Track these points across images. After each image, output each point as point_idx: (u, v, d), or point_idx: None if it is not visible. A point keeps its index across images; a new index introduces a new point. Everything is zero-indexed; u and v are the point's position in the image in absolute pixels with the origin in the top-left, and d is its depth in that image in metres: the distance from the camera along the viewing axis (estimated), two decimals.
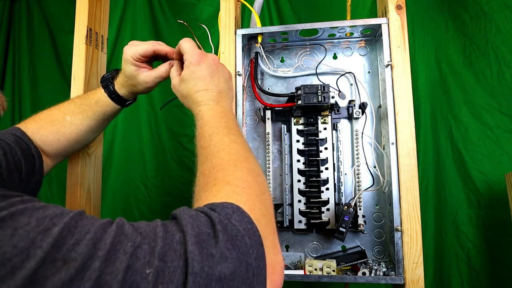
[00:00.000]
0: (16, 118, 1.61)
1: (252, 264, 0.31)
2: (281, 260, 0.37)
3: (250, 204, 0.37)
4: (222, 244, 0.30)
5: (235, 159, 0.44)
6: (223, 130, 0.49)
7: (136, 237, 0.29)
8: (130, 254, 0.27)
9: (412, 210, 0.68)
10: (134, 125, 1.47)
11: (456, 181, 1.17)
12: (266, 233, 0.36)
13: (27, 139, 0.60)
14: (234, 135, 0.48)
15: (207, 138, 0.48)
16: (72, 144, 0.67)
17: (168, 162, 1.43)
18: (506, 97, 1.12)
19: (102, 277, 0.26)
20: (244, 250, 0.31)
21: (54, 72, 1.59)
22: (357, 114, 0.77)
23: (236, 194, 0.38)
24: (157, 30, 1.48)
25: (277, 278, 0.35)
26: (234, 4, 0.80)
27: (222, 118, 0.51)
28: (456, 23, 1.21)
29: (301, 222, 0.78)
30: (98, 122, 0.67)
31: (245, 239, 0.32)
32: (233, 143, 0.47)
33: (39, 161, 0.61)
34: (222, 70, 0.59)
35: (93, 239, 0.28)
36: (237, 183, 0.40)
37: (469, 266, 1.14)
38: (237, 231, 0.32)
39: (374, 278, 0.70)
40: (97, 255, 0.26)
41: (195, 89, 0.55)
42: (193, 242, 0.29)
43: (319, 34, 0.81)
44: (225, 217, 0.33)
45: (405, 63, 0.73)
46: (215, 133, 0.48)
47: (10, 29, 1.67)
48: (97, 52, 0.83)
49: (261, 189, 0.41)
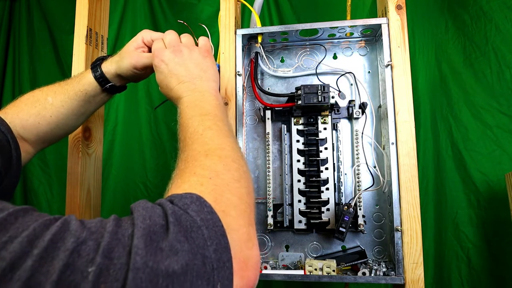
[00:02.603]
0: None
1: (209, 257, 0.29)
2: (255, 255, 0.34)
3: (216, 194, 0.35)
4: (173, 236, 0.28)
5: (207, 149, 0.42)
6: (197, 118, 0.47)
7: (82, 232, 0.27)
8: (70, 251, 0.25)
9: (412, 210, 0.68)
10: (134, 125, 1.47)
11: (456, 181, 1.17)
12: (237, 225, 0.33)
13: (4, 128, 0.56)
14: (210, 121, 0.46)
15: (184, 130, 0.47)
16: (53, 128, 0.63)
17: (168, 162, 1.43)
18: (506, 97, 1.12)
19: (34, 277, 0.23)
20: (200, 242, 0.29)
21: (54, 72, 1.59)
22: (357, 114, 0.77)
23: (200, 184, 0.36)
24: (157, 30, 1.47)
25: (249, 274, 0.32)
26: (234, 4, 0.80)
27: (196, 106, 0.50)
28: (456, 23, 1.21)
29: (301, 222, 0.78)
30: (80, 104, 0.64)
31: (201, 230, 0.30)
32: (207, 130, 0.45)
33: (16, 152, 0.57)
34: (188, 56, 0.57)
35: (30, 236, 0.25)
36: (203, 173, 0.38)
37: (469, 266, 1.14)
38: (193, 222, 0.30)
39: (374, 278, 0.70)
40: (31, 253, 0.24)
41: (170, 87, 0.55)
42: (140, 235, 0.27)
43: (319, 34, 0.81)
44: (181, 208, 0.31)
45: (405, 63, 0.73)
46: (190, 124, 0.47)
47: (10, 29, 1.67)
48: (97, 52, 0.83)
49: (234, 176, 0.38)
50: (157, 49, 0.57)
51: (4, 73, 1.65)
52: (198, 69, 0.56)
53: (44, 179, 1.56)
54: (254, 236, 0.36)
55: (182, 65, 0.56)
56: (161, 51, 0.57)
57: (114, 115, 1.48)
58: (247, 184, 0.40)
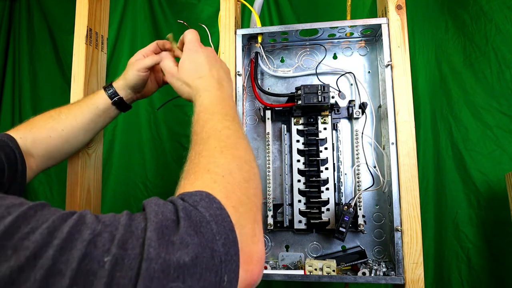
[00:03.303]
0: (16, 118, 1.61)
1: (218, 251, 0.30)
2: (260, 250, 0.36)
3: (227, 192, 0.37)
4: (183, 230, 0.30)
5: (223, 146, 0.43)
6: (218, 116, 0.48)
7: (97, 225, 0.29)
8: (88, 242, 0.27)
9: (412, 210, 0.68)
10: (134, 125, 1.47)
11: (456, 181, 1.17)
12: (244, 221, 0.35)
13: (13, 144, 0.59)
14: (229, 121, 0.47)
15: (201, 124, 0.47)
16: (63, 142, 0.66)
17: (168, 162, 1.43)
18: (506, 97, 1.12)
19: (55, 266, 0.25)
20: (209, 237, 0.30)
21: (54, 72, 1.59)
22: (357, 114, 0.77)
23: (214, 182, 0.38)
24: (157, 30, 1.48)
25: (253, 268, 0.34)
26: (234, 4, 0.80)
27: (219, 104, 0.51)
28: (456, 23, 1.21)
29: (301, 222, 0.78)
30: (91, 118, 0.68)
31: (211, 225, 0.31)
32: (225, 129, 0.46)
33: (22, 166, 0.60)
34: (221, 62, 0.59)
35: (50, 228, 0.27)
36: (217, 170, 0.39)
37: (469, 266, 1.14)
38: (202, 217, 0.32)
39: (374, 278, 0.70)
40: (51, 244, 0.26)
41: (196, 75, 0.55)
42: (153, 228, 0.29)
43: (319, 34, 0.81)
44: (191, 204, 0.33)
45: (405, 63, 0.73)
46: (210, 119, 0.48)
47: (10, 29, 1.67)
48: (97, 52, 0.83)
49: (244, 177, 0.40)
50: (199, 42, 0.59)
51: (4, 73, 1.65)
52: (225, 75, 0.57)
53: (44, 179, 1.55)
54: (260, 233, 0.37)
55: (215, 64, 0.57)
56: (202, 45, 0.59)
57: None
58: (256, 185, 0.42)
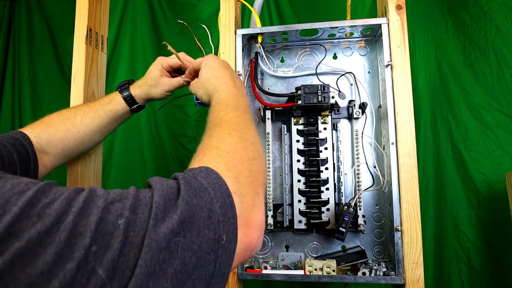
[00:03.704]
0: (16, 117, 1.61)
1: (215, 211, 0.33)
2: (260, 219, 0.38)
3: (230, 165, 0.40)
4: (184, 193, 0.33)
5: (231, 129, 0.47)
6: (231, 107, 0.53)
7: (108, 196, 0.32)
8: (102, 208, 0.30)
9: (412, 210, 0.68)
10: (134, 125, 1.47)
11: (456, 181, 1.17)
12: (244, 191, 0.38)
13: (26, 142, 0.61)
14: (240, 111, 0.52)
15: (215, 114, 0.52)
16: (78, 144, 0.68)
17: (168, 162, 1.43)
18: (506, 97, 1.12)
19: (76, 228, 0.29)
20: (207, 200, 0.34)
21: (54, 72, 1.59)
22: (357, 114, 0.77)
23: (219, 156, 0.41)
24: (157, 30, 1.48)
25: (252, 232, 0.37)
26: (234, 4, 0.80)
27: (233, 98, 0.56)
28: (456, 23, 1.21)
29: (301, 222, 0.78)
30: (108, 122, 0.71)
31: (208, 190, 0.35)
32: (236, 117, 0.50)
33: (35, 165, 0.62)
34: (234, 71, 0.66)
35: (67, 199, 0.30)
36: (223, 147, 0.43)
37: (469, 266, 1.14)
38: (200, 184, 0.35)
39: (374, 278, 0.70)
40: (70, 211, 0.29)
41: (212, 76, 0.61)
42: (159, 195, 0.32)
43: (319, 34, 0.81)
44: (190, 175, 0.36)
45: (405, 63, 0.73)
46: (223, 109, 0.52)
47: (10, 29, 1.67)
48: (97, 52, 0.83)
49: (248, 155, 0.44)
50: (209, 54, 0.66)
51: (4, 73, 1.65)
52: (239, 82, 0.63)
53: (44, 179, 1.56)
54: (261, 204, 0.40)
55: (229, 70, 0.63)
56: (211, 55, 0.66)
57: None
58: (260, 164, 0.45)
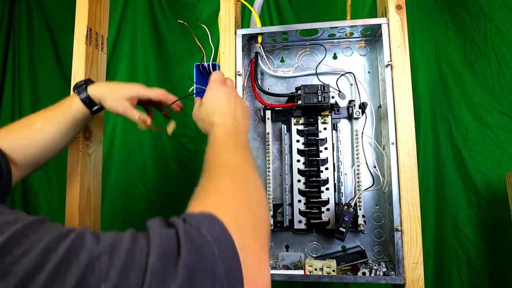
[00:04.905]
0: (16, 117, 1.61)
1: (219, 276, 0.28)
2: (266, 280, 0.34)
3: (235, 214, 0.35)
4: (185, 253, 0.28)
5: (233, 171, 0.44)
6: (229, 146, 0.50)
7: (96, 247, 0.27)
8: (84, 266, 0.25)
9: (412, 210, 0.68)
10: (134, 125, 1.46)
11: (456, 181, 1.17)
12: (251, 246, 0.33)
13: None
14: (240, 151, 0.49)
15: (213, 152, 0.49)
16: (41, 151, 0.65)
17: (168, 162, 1.43)
18: (506, 97, 1.12)
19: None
20: (210, 260, 0.29)
21: (54, 72, 1.59)
22: (357, 114, 0.77)
23: (222, 203, 0.37)
24: (157, 30, 1.48)
25: None
26: (234, 4, 0.80)
27: (231, 135, 0.53)
28: (456, 23, 1.21)
29: (301, 222, 0.78)
30: (69, 127, 0.67)
31: (212, 248, 0.29)
32: (236, 157, 0.47)
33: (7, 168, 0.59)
34: (240, 101, 0.61)
35: (44, 249, 0.25)
36: (226, 193, 0.39)
37: (469, 266, 1.14)
38: (203, 238, 0.30)
39: (374, 278, 0.70)
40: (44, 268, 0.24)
41: (212, 111, 0.58)
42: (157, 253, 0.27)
43: (319, 34, 0.81)
44: (193, 226, 0.31)
45: (405, 63, 0.73)
46: (221, 148, 0.50)
47: (10, 29, 1.67)
48: (97, 52, 0.83)
49: (252, 202, 0.40)
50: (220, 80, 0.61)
51: (4, 73, 1.65)
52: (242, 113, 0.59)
53: (44, 179, 1.55)
54: (267, 260, 0.36)
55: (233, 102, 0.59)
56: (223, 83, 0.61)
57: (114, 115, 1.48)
58: (264, 212, 0.41)
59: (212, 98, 0.59)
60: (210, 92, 0.60)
